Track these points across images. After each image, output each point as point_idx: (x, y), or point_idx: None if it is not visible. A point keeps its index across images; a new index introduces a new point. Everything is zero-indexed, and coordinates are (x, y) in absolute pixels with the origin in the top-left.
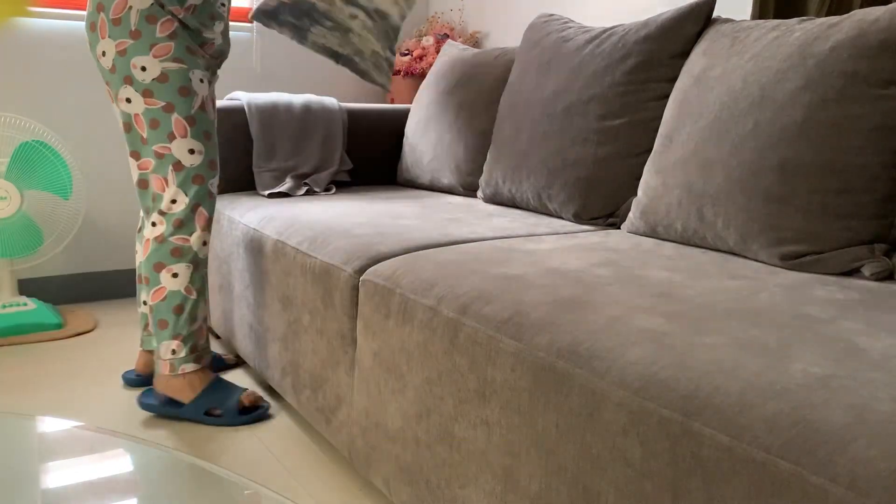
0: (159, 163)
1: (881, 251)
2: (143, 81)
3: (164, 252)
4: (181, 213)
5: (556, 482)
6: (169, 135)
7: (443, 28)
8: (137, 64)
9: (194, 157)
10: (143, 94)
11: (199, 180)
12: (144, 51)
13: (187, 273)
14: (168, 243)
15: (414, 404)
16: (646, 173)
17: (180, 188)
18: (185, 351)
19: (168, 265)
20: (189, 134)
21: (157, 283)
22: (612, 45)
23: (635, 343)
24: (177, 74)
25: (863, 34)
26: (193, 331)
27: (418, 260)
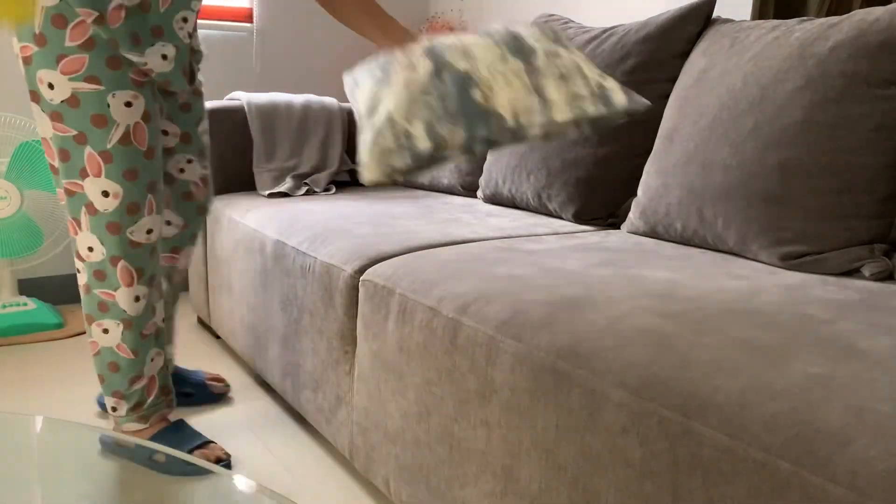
0: (71, 202)
1: (881, 251)
2: (52, 102)
3: (91, 304)
4: (99, 265)
5: (556, 482)
6: (81, 171)
7: (443, 28)
8: (44, 79)
9: (108, 202)
10: (51, 117)
11: (115, 229)
12: (51, 63)
13: (118, 331)
14: (93, 296)
15: (414, 404)
16: (646, 173)
17: (94, 235)
18: (125, 409)
19: (97, 319)
20: (103, 173)
21: (90, 334)
22: (611, 46)
23: (635, 343)
24: (91, 98)
25: (863, 34)
26: (137, 389)
27: (418, 260)
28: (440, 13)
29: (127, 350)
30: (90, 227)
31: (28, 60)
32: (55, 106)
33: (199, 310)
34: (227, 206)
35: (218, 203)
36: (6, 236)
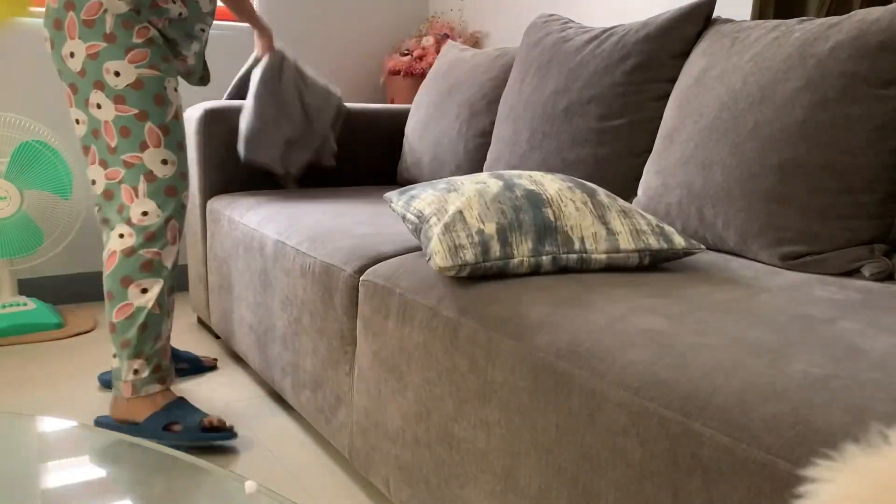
0: (129, 172)
1: (881, 251)
2: (116, 87)
3: (133, 266)
4: (153, 226)
5: (556, 482)
6: (141, 144)
7: (443, 28)
8: (111, 69)
9: (167, 168)
10: (115, 100)
11: (172, 192)
12: (119, 55)
13: (157, 289)
14: (138, 256)
15: (414, 404)
16: (646, 173)
17: (152, 199)
18: (148, 371)
19: (137, 280)
20: (163, 144)
21: (123, 298)
22: (611, 46)
23: (635, 343)
24: (153, 81)
25: (863, 34)
26: (158, 349)
27: (418, 260)
28: (440, 13)
29: (158, 307)
30: (147, 193)
31: (95, 55)
32: (120, 90)
33: (199, 310)
34: (228, 206)
35: (218, 203)
36: (6, 236)
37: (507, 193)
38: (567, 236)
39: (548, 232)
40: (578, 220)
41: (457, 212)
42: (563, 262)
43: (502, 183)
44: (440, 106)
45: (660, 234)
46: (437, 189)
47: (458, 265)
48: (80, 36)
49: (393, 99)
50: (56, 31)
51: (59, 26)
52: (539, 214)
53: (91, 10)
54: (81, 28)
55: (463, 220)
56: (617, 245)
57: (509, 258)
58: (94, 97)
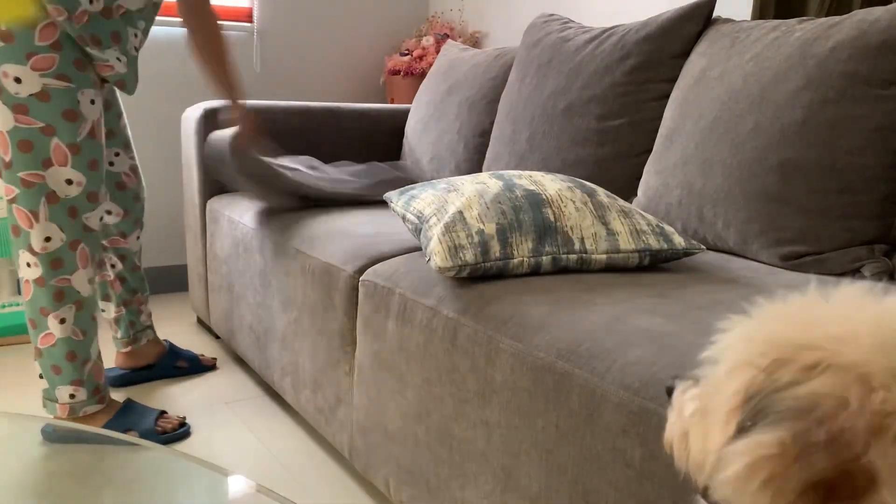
0: (26, 193)
1: (881, 251)
2: (17, 95)
3: (46, 297)
4: (58, 252)
5: (555, 482)
6: (45, 161)
7: (443, 28)
8: (10, 73)
9: (72, 189)
10: (15, 109)
11: (74, 213)
12: (19, 59)
13: (73, 315)
14: (49, 287)
15: (414, 404)
16: (646, 173)
17: (53, 223)
18: (86, 394)
19: (54, 311)
20: (70, 163)
21: (44, 328)
22: (611, 45)
23: (635, 343)
24: (62, 94)
25: (863, 34)
26: (90, 371)
27: (418, 260)
28: (440, 13)
29: (79, 333)
30: (49, 216)
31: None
32: (21, 99)
33: (199, 310)
34: (227, 206)
35: (217, 203)
36: (4, 236)
37: (506, 194)
38: (567, 236)
39: (548, 232)
40: (578, 221)
41: (457, 212)
42: (562, 262)
43: (502, 183)
44: (440, 106)
45: (660, 234)
46: (436, 189)
47: (457, 265)
48: None
49: (393, 99)
50: None
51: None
52: (539, 215)
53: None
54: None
55: (463, 220)
56: (617, 245)
57: (509, 258)
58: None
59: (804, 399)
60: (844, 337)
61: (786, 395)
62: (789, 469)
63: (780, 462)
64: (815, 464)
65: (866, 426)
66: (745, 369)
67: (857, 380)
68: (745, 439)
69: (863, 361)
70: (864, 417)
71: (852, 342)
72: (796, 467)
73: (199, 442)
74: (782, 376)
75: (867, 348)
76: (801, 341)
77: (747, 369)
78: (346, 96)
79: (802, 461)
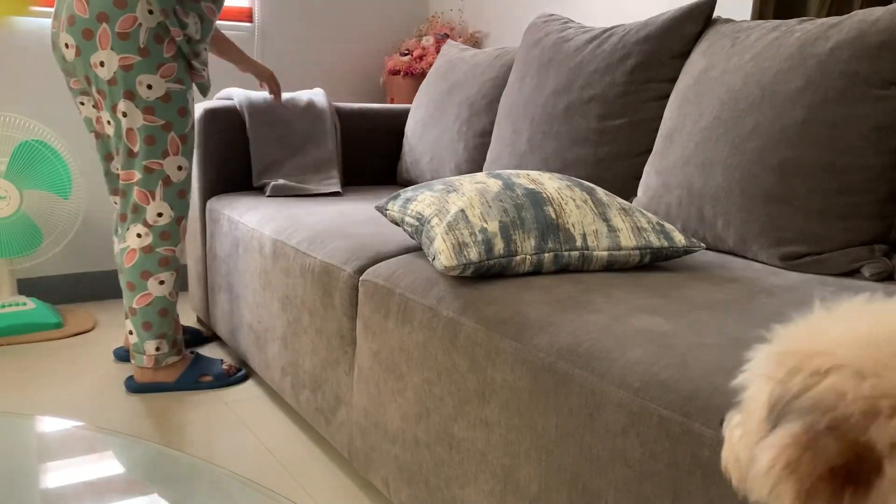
0: (148, 177)
1: (881, 252)
2: (147, 99)
3: (151, 262)
4: (167, 226)
5: (555, 482)
6: (163, 152)
7: (443, 28)
8: (143, 81)
9: (181, 174)
10: (144, 110)
11: (183, 195)
12: (152, 70)
13: (171, 280)
14: (156, 254)
15: (413, 404)
16: (646, 173)
17: (166, 202)
18: (168, 346)
19: (155, 274)
20: (180, 152)
21: (143, 289)
22: (612, 46)
23: (635, 343)
24: (178, 95)
25: (863, 35)
26: (173, 328)
27: (418, 260)
28: (440, 13)
29: (173, 294)
30: (163, 196)
31: (129, 67)
32: (150, 102)
33: (199, 310)
34: (227, 206)
35: (217, 203)
36: (5, 236)
37: (507, 192)
38: (569, 233)
39: (550, 229)
40: (580, 218)
41: (459, 211)
42: (564, 259)
43: (501, 182)
44: (440, 106)
45: (660, 231)
46: (434, 190)
47: (462, 264)
48: (112, 47)
49: (393, 99)
50: (85, 40)
51: (88, 36)
52: (541, 212)
53: (126, 23)
54: (115, 40)
55: (466, 218)
56: (618, 242)
57: (513, 255)
58: (122, 105)
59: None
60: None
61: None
62: (803, 455)
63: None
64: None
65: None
66: (767, 384)
67: (852, 374)
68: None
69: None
70: (858, 403)
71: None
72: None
73: (200, 442)
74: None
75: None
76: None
77: (768, 383)
78: (346, 96)
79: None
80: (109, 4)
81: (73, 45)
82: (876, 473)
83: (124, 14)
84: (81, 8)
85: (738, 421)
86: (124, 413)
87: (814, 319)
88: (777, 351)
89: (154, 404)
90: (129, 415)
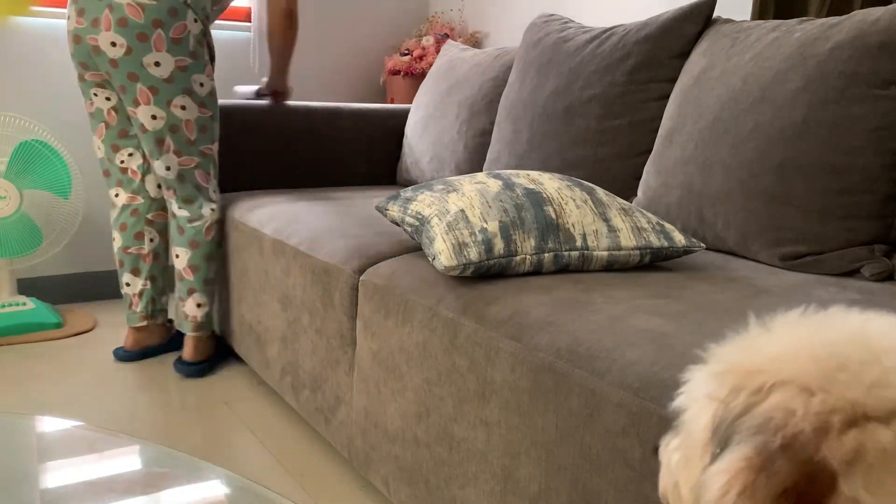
0: (205, 160)
1: (881, 252)
2: (201, 95)
3: (219, 233)
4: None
5: (555, 482)
6: (212, 139)
7: (443, 28)
8: (197, 80)
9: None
10: (199, 105)
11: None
12: (201, 70)
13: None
14: (220, 225)
15: (413, 404)
16: (646, 173)
17: (215, 180)
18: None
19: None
20: (218, 138)
21: (218, 258)
22: (612, 46)
23: (635, 343)
24: (215, 92)
25: (863, 35)
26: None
27: (418, 260)
28: (440, 13)
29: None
30: (214, 175)
31: (184, 69)
32: (203, 97)
33: None
34: (227, 206)
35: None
36: (5, 236)
37: (507, 192)
38: (569, 233)
39: (550, 229)
40: (580, 217)
41: (459, 211)
42: (564, 259)
43: (501, 182)
44: (440, 106)
45: (660, 231)
46: (433, 190)
47: (462, 264)
48: (168, 50)
49: (393, 99)
50: (139, 42)
51: (143, 39)
52: (541, 212)
53: (178, 30)
54: (170, 44)
55: (465, 218)
56: (618, 242)
57: (512, 255)
58: (181, 100)
59: (759, 417)
60: (785, 356)
61: (745, 419)
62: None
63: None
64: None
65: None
66: (709, 404)
67: (799, 390)
68: (717, 463)
69: (801, 374)
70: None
71: (791, 360)
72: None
73: (200, 442)
74: (739, 403)
75: (804, 362)
76: (750, 368)
77: (711, 404)
78: (346, 96)
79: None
80: (164, 13)
81: (124, 44)
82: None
83: (177, 22)
84: (136, 13)
85: (676, 445)
86: (124, 413)
87: (750, 336)
88: (716, 370)
89: (154, 404)
90: (129, 415)
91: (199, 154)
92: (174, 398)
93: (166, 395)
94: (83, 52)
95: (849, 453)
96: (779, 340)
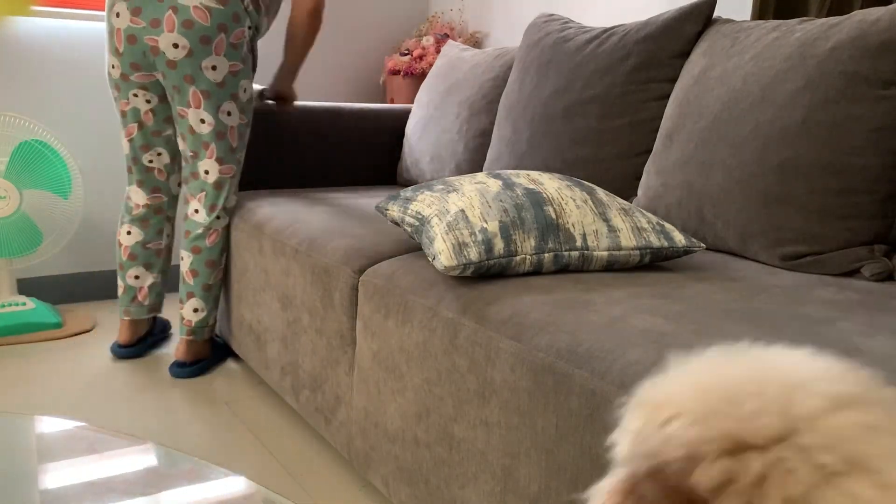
0: (238, 169)
1: (881, 252)
2: (243, 100)
3: (225, 242)
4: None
5: (555, 483)
6: (245, 147)
7: (443, 28)
8: (244, 86)
9: None
10: (240, 110)
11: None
12: (248, 75)
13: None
14: (227, 233)
15: (413, 404)
16: (646, 173)
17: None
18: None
19: (224, 253)
20: None
21: (220, 265)
22: (612, 46)
23: (635, 343)
24: (253, 98)
25: (863, 35)
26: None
27: (418, 260)
28: (440, 13)
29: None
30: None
31: (236, 73)
32: (244, 103)
33: None
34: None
35: None
36: (5, 236)
37: (507, 192)
38: (569, 233)
39: (550, 229)
40: (580, 217)
41: (459, 211)
42: (564, 259)
43: (501, 182)
44: (440, 106)
45: (660, 231)
46: (434, 190)
47: (462, 264)
48: (225, 55)
49: (393, 99)
50: (202, 45)
51: (206, 42)
52: (541, 212)
53: (238, 35)
54: (228, 49)
55: (465, 218)
56: (618, 242)
57: (513, 255)
58: (228, 105)
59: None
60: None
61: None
62: (625, 502)
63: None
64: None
65: (685, 455)
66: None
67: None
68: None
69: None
70: (681, 449)
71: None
72: (631, 499)
73: (200, 442)
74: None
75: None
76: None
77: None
78: (346, 96)
79: (634, 494)
80: (229, 18)
81: (187, 46)
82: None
83: (238, 27)
84: (203, 17)
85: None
86: (124, 413)
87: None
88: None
89: (154, 404)
90: (129, 415)
91: (236, 163)
92: (174, 398)
93: (166, 396)
94: (137, 52)
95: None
96: (688, 375)
